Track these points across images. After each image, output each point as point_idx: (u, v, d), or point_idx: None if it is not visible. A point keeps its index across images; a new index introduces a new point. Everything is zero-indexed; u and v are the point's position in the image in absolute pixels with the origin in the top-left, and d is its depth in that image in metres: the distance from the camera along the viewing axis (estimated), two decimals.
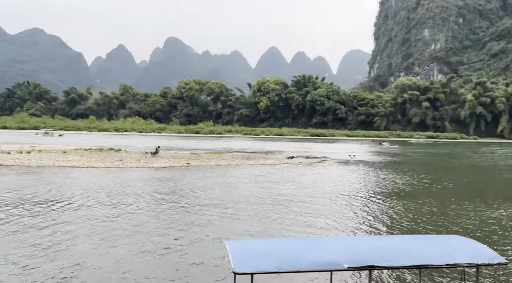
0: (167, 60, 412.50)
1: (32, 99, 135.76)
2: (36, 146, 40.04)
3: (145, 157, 31.62)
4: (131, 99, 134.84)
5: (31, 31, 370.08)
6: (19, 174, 21.85)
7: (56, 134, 77.14)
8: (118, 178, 20.97)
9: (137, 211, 13.47)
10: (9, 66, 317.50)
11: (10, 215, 12.48)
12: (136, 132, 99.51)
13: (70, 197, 15.66)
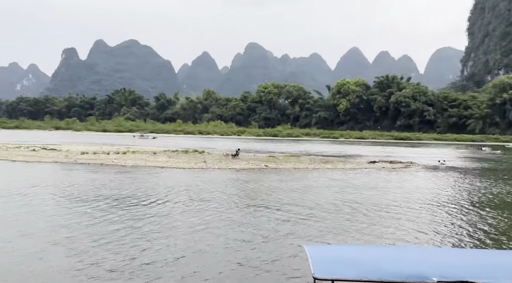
0: (247, 65, 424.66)
1: (127, 105, 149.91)
2: (130, 148, 44.04)
3: (226, 159, 32.87)
4: (213, 104, 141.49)
5: (127, 43, 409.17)
6: (117, 173, 24.24)
7: (151, 136, 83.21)
8: (202, 178, 22.12)
9: (220, 211, 14.06)
10: (109, 75, 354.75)
11: (111, 208, 13.92)
12: (218, 135, 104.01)
13: (161, 194, 16.93)
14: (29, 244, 9.84)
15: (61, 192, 17.18)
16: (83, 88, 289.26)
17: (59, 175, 22.83)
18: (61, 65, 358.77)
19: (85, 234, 10.79)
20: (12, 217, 12.62)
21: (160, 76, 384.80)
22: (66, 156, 32.45)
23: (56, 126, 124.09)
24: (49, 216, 12.73)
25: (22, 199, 15.52)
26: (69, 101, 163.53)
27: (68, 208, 14.10)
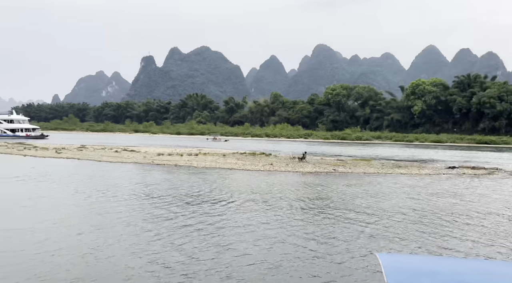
0: (315, 67, 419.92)
1: (199, 109, 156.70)
2: (202, 150, 45.95)
3: (293, 162, 32.79)
4: (280, 107, 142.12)
5: (199, 49, 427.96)
6: (189, 173, 25.44)
7: (223, 139, 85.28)
8: (269, 181, 22.33)
9: (287, 214, 14.06)
10: (183, 80, 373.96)
11: (185, 206, 14.65)
12: (285, 137, 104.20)
13: (230, 195, 17.42)
14: (117, 237, 10.71)
15: (141, 190, 18.49)
16: (159, 94, 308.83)
17: (139, 175, 24.58)
18: (140, 72, 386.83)
19: (161, 233, 11.47)
20: (95, 213, 13.85)
21: (229, 80, 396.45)
22: (144, 157, 34.84)
23: (135, 129, 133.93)
24: (130, 213, 13.76)
25: (106, 196, 16.97)
26: (147, 106, 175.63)
27: (147, 206, 15.12)
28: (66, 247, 9.79)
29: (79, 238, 10.58)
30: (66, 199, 16.27)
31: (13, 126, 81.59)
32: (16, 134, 78.98)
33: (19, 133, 79.23)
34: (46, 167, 27.81)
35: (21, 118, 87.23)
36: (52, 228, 11.55)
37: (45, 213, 13.61)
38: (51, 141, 64.20)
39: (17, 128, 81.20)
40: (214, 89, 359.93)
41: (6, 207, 14.35)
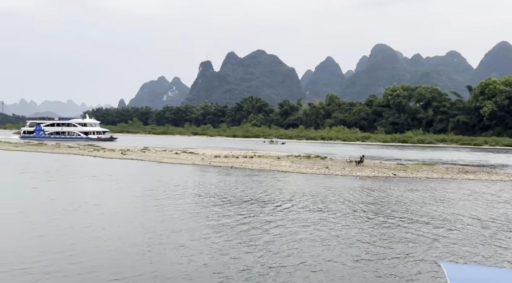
0: (373, 68, 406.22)
1: (254, 112, 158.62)
2: (256, 152, 46.43)
3: (350, 165, 31.94)
4: (336, 109, 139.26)
5: (255, 53, 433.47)
6: (245, 175, 25.81)
7: (280, 142, 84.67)
8: (324, 185, 21.96)
9: (345, 220, 13.74)
10: (238, 84, 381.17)
11: (240, 207, 14.90)
12: (340, 140, 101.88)
13: (285, 198, 17.41)
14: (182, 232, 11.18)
15: (199, 191, 19.13)
16: (216, 97, 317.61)
17: (197, 176, 25.43)
18: (198, 77, 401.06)
19: (218, 233, 11.76)
20: (158, 212, 14.54)
21: (284, 83, 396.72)
22: (202, 159, 35.98)
23: (194, 131, 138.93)
24: (189, 213, 14.29)
25: (167, 196, 17.78)
26: (205, 109, 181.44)
27: (205, 206, 15.60)
28: (131, 244, 10.40)
29: (145, 237, 11.18)
30: (132, 198, 17.29)
31: (86, 129, 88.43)
32: (88, 136, 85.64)
33: (91, 136, 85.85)
34: (113, 167, 29.78)
35: (93, 122, 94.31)
36: (120, 226, 12.34)
37: (113, 211, 14.57)
38: (118, 143, 68.70)
39: (90, 131, 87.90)
40: (269, 92, 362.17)
41: (79, 205, 15.57)
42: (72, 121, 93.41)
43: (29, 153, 42.87)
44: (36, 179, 22.32)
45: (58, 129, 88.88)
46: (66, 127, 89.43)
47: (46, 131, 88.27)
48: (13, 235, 11.07)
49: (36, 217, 12.99)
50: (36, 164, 30.93)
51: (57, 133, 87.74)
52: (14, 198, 16.66)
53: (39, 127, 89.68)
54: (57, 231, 11.52)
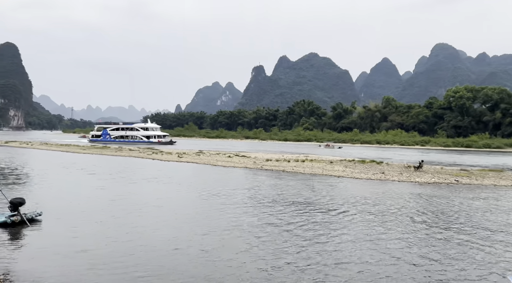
0: (433, 68, 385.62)
1: (306, 115, 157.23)
2: (308, 156, 45.96)
3: (408, 171, 30.51)
4: (393, 112, 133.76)
5: (308, 56, 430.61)
6: (296, 180, 25.66)
7: (336, 146, 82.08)
8: (381, 191, 21.18)
9: (402, 228, 13.16)
10: (290, 88, 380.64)
11: (292, 212, 14.84)
12: (398, 145, 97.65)
13: (338, 204, 17.05)
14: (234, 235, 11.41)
15: (252, 194, 19.35)
16: (268, 101, 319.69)
17: (249, 180, 25.73)
18: (251, 82, 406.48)
19: (272, 236, 11.80)
20: (212, 214, 14.91)
21: (337, 86, 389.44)
22: (254, 162, 36.34)
23: (246, 135, 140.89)
24: (242, 216, 14.50)
25: (221, 199, 18.18)
26: (257, 113, 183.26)
27: (257, 209, 15.74)
28: (186, 246, 10.78)
29: (199, 238, 11.53)
30: (188, 200, 17.92)
31: (148, 133, 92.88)
32: (150, 140, 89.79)
33: (153, 139, 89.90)
34: (170, 170, 31.07)
35: (154, 126, 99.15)
36: (177, 227, 12.85)
37: (171, 212, 15.20)
38: (175, 147, 71.61)
39: (151, 135, 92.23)
40: (322, 95, 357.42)
41: (141, 206, 16.43)
42: (135, 125, 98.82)
43: (94, 155, 46.07)
44: (103, 180, 23.91)
45: (122, 133, 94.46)
46: (129, 131, 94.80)
47: (112, 135, 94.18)
48: (80, 234, 11.93)
49: (102, 217, 13.91)
50: (101, 167, 33.12)
51: (121, 137, 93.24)
52: (86, 197, 17.99)
53: (105, 131, 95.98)
54: (121, 230, 12.24)
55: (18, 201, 12.75)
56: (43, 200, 16.49)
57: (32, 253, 9.91)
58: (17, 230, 11.78)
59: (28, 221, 12.38)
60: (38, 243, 10.81)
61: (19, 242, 10.89)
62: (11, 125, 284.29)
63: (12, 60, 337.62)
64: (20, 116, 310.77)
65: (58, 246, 10.41)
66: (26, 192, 18.13)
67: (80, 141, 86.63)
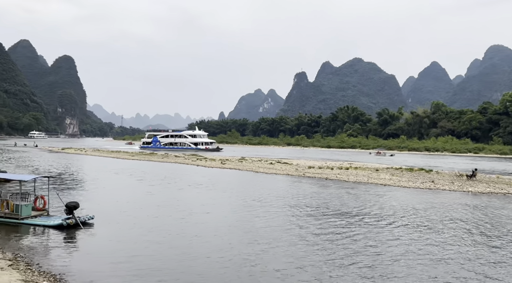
0: (487, 72, 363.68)
1: (350, 121, 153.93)
2: (352, 163, 44.86)
3: (460, 180, 28.86)
4: (443, 117, 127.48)
5: (352, 62, 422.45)
6: (339, 188, 25.11)
7: (388, 153, 78.35)
8: (430, 200, 20.20)
9: (452, 241, 12.44)
10: (333, 94, 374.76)
11: (336, 222, 14.52)
12: (448, 152, 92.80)
13: (383, 214, 16.45)
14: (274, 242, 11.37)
15: (294, 202, 19.19)
16: (310, 108, 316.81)
17: (291, 187, 25.55)
18: (293, 88, 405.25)
19: (316, 248, 11.60)
20: (254, 221, 14.94)
21: (383, 91, 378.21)
22: (296, 169, 36.07)
23: (288, 142, 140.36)
24: (285, 224, 14.39)
25: (263, 205, 18.18)
26: (299, 120, 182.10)
27: (301, 218, 15.57)
28: (230, 255, 10.87)
29: (243, 247, 11.60)
30: (232, 207, 18.12)
31: (196, 140, 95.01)
32: (198, 147, 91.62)
33: (200, 146, 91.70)
34: (214, 176, 31.61)
35: (202, 133, 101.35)
36: (222, 235, 13.02)
37: (216, 220, 15.44)
38: (222, 154, 72.90)
39: (199, 142, 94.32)
40: (366, 101, 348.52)
41: (187, 212, 16.84)
42: (184, 133, 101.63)
43: (142, 161, 47.96)
44: (150, 186, 24.82)
45: (172, 140, 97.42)
46: (178, 138, 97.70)
47: (162, 142, 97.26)
48: (129, 238, 12.41)
49: (150, 223, 14.41)
50: (149, 172, 34.39)
51: (171, 144, 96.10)
52: (135, 202, 18.75)
53: (155, 138, 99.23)
54: (168, 237, 12.60)
55: (73, 204, 13.55)
56: (95, 204, 17.38)
57: (85, 255, 10.45)
58: (72, 232, 12.48)
59: (81, 224, 13.10)
60: (91, 245, 11.39)
61: (74, 244, 11.52)
62: (67, 133, 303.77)
63: (69, 72, 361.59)
64: (75, 124, 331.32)
65: (108, 249, 10.91)
66: (80, 196, 19.21)
67: (131, 148, 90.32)
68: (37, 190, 16.85)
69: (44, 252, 10.51)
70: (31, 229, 12.91)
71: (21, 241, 11.54)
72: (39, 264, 9.36)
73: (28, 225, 13.20)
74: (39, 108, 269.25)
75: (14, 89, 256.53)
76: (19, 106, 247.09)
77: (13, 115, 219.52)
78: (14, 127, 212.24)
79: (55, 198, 15.83)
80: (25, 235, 12.24)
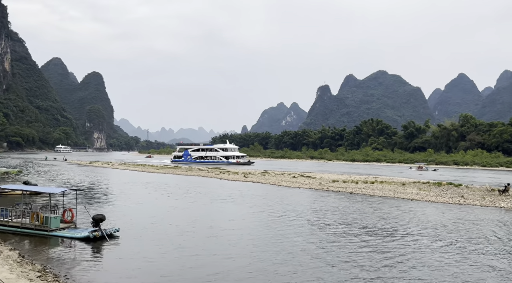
0: None
1: (374, 134, 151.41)
2: (378, 177, 43.92)
3: (492, 194, 27.70)
4: (472, 130, 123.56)
5: (375, 74, 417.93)
6: (364, 202, 24.57)
7: (431, 169, 73.96)
8: (460, 216, 19.44)
9: (486, 261, 11.89)
10: (357, 106, 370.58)
11: (360, 237, 14.17)
12: (478, 166, 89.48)
13: (411, 231, 15.95)
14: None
15: (316, 217, 18.89)
16: (334, 121, 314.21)
17: (315, 201, 25.21)
18: (316, 101, 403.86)
19: (343, 264, 11.35)
20: (278, 236, 14.79)
21: (408, 104, 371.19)
22: (320, 183, 35.62)
23: (311, 155, 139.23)
24: (310, 239, 14.16)
25: (287, 220, 17.99)
26: (322, 133, 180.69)
27: (326, 233, 15.29)
28: (252, 271, 10.77)
29: (262, 256, 11.48)
30: (258, 223, 18.02)
31: (227, 154, 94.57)
32: (229, 161, 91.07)
33: (231, 160, 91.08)
34: (238, 190, 31.60)
35: (233, 147, 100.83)
36: (249, 253, 12.93)
37: (242, 237, 15.37)
38: (251, 167, 72.93)
39: (230, 155, 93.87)
40: (391, 114, 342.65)
41: (213, 229, 16.86)
42: (215, 146, 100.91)
43: (167, 175, 48.60)
44: (175, 200, 25.09)
45: (203, 153, 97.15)
46: (209, 152, 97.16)
47: (193, 156, 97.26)
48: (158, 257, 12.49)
49: (175, 238, 14.49)
50: (173, 186, 34.78)
51: (202, 158, 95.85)
52: (160, 217, 18.95)
53: (186, 152, 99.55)
54: (193, 254, 12.63)
55: (99, 217, 13.83)
56: (120, 216, 17.67)
57: (110, 268, 10.58)
58: (98, 245, 12.70)
59: (107, 237, 13.32)
60: (116, 258, 11.54)
61: (100, 257, 11.71)
62: (94, 147, 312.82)
63: (97, 88, 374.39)
64: (102, 138, 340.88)
65: (132, 262, 11.02)
66: (106, 209, 19.59)
67: (163, 162, 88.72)
68: (65, 202, 17.31)
69: (71, 264, 10.72)
70: (59, 241, 13.23)
71: (50, 253, 11.83)
72: (66, 276, 9.54)
73: (57, 237, 13.54)
74: (68, 123, 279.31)
75: (46, 105, 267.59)
76: (50, 121, 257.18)
77: (44, 130, 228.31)
78: (45, 141, 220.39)
79: (83, 211, 16.19)
80: (53, 247, 12.55)
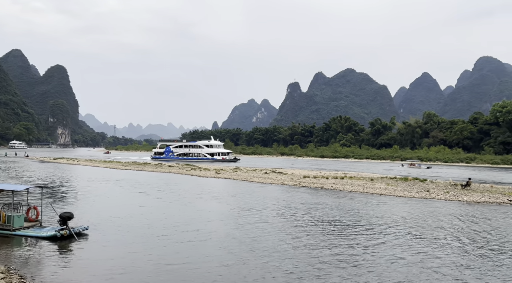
0: (477, 82, 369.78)
1: (343, 131, 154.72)
2: (347, 173, 44.92)
3: (454, 189, 28.99)
4: (435, 127, 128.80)
5: (344, 72, 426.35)
6: (335, 197, 25.04)
7: (424, 166, 70.15)
8: (426, 210, 20.20)
9: (449, 251, 12.40)
10: (326, 104, 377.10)
11: (331, 234, 14.42)
12: (441, 161, 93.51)
13: (379, 223, 16.39)
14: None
15: (289, 212, 19.05)
16: (303, 118, 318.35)
17: (288, 197, 25.41)
18: (286, 98, 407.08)
19: (312, 261, 11.49)
20: (250, 233, 14.79)
21: (375, 101, 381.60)
22: (291, 179, 35.97)
23: (281, 152, 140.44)
24: (284, 236, 14.25)
25: (259, 216, 18.03)
26: (292, 130, 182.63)
27: (298, 229, 15.44)
28: (230, 262, 10.71)
29: (239, 253, 11.44)
30: (228, 220, 17.93)
31: (212, 151, 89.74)
32: (214, 157, 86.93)
33: (217, 157, 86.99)
34: (209, 186, 31.35)
35: (218, 143, 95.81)
36: (221, 240, 12.84)
37: (215, 230, 15.25)
38: (239, 164, 72.30)
39: (215, 152, 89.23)
40: (359, 111, 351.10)
41: (181, 226, 16.60)
42: (199, 142, 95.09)
43: (136, 171, 47.49)
44: (144, 197, 24.52)
45: (186, 150, 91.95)
46: (193, 148, 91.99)
47: (175, 153, 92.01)
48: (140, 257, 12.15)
49: (145, 236, 14.15)
50: (143, 183, 34.01)
51: (185, 154, 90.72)
52: (129, 214, 18.46)
53: (168, 148, 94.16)
54: (162, 252, 12.38)
55: (67, 215, 13.27)
56: (88, 214, 17.08)
57: (79, 267, 10.19)
58: (66, 244, 12.20)
59: (76, 235, 12.82)
60: (85, 257, 11.11)
61: (68, 256, 11.25)
62: (58, 143, 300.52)
63: (61, 81, 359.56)
64: (67, 134, 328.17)
65: (102, 261, 10.66)
66: (73, 207, 18.88)
67: (143, 159, 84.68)
68: (30, 200, 16.52)
69: (38, 264, 10.23)
70: (23, 240, 12.60)
71: (14, 253, 11.24)
72: (33, 277, 9.10)
73: (21, 236, 12.90)
74: (30, 118, 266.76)
75: (5, 99, 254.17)
76: (10, 116, 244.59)
77: (3, 125, 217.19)
78: (5, 137, 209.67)
79: (49, 209, 15.51)
80: (17, 247, 11.93)
